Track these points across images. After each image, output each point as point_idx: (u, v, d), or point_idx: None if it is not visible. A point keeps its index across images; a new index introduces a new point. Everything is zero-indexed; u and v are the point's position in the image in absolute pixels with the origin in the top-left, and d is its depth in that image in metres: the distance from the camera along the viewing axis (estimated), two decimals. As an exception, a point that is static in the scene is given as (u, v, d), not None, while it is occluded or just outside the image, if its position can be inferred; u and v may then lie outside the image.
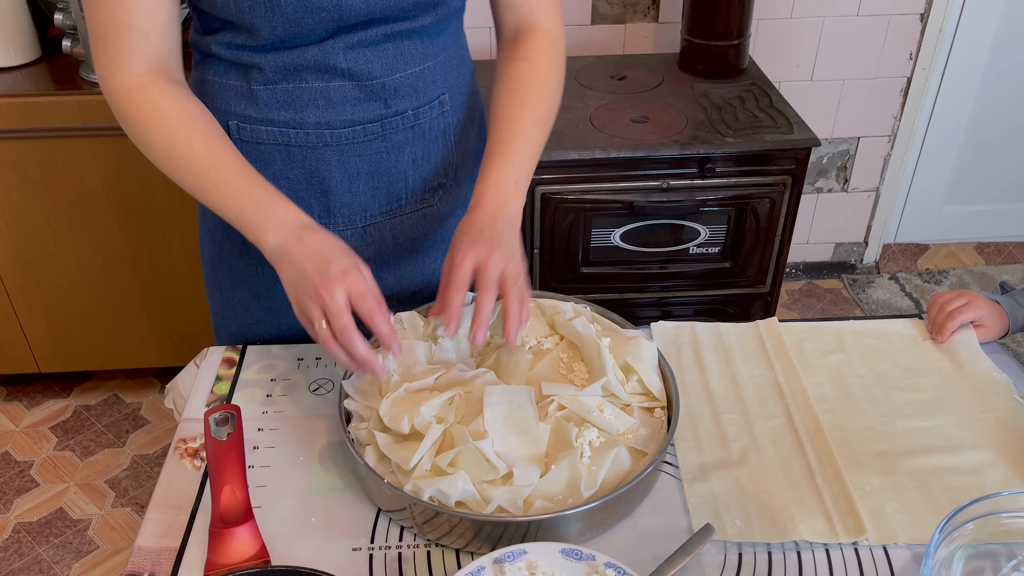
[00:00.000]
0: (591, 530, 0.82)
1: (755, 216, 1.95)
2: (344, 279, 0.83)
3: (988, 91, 2.58)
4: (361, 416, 0.90)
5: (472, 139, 1.12)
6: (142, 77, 0.91)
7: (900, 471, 0.90)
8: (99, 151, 1.90)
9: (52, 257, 2.05)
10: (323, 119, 0.98)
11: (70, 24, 1.88)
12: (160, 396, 2.35)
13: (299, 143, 1.00)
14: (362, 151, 1.02)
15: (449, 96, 1.05)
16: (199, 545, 0.83)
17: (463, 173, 1.12)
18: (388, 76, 0.98)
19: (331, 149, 1.01)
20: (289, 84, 0.96)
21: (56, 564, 1.90)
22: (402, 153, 1.04)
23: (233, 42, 0.95)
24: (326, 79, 0.96)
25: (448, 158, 1.09)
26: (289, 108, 0.98)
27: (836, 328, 1.11)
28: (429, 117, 1.04)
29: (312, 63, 0.95)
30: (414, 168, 1.06)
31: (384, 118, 1.01)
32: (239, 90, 0.98)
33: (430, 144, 1.06)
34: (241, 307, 1.13)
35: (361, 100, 0.98)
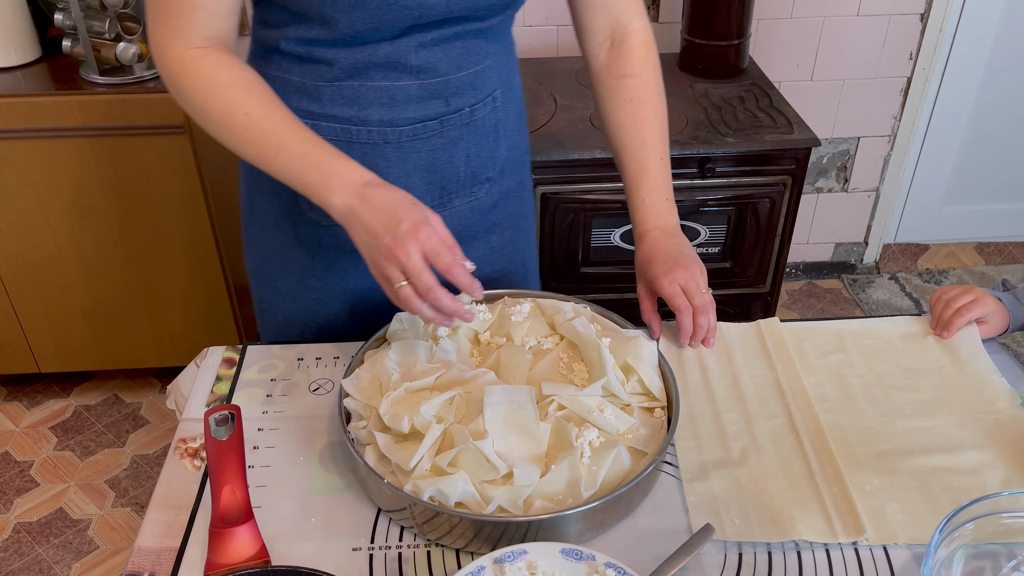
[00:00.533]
0: (591, 530, 0.82)
1: (755, 216, 1.95)
2: (416, 236, 0.84)
3: (988, 91, 2.58)
4: (360, 415, 0.90)
5: (516, 132, 1.14)
6: (197, 51, 0.92)
7: (900, 471, 0.90)
8: (99, 151, 1.90)
9: (52, 257, 2.05)
10: (386, 117, 0.99)
11: (70, 24, 1.88)
12: (160, 396, 2.35)
13: (360, 140, 1.01)
14: (420, 147, 1.03)
15: (500, 92, 1.07)
16: (199, 545, 0.83)
17: (508, 166, 1.14)
18: (452, 74, 0.99)
19: (391, 146, 1.02)
20: (355, 81, 0.97)
21: (56, 564, 1.90)
22: (457, 149, 1.05)
23: (305, 36, 0.94)
24: (393, 77, 0.97)
25: (497, 152, 1.10)
26: (353, 105, 0.98)
27: (836, 328, 1.11)
28: (483, 113, 1.05)
29: (383, 60, 0.95)
30: (466, 163, 1.07)
31: (443, 115, 1.02)
32: (302, 86, 0.98)
33: (482, 139, 1.07)
34: (289, 297, 1.14)
35: (423, 98, 0.99)
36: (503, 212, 1.16)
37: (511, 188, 1.16)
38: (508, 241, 1.19)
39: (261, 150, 0.91)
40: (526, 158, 1.20)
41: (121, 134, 1.88)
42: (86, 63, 1.90)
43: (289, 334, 1.17)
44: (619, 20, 1.08)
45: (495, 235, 1.17)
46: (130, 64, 1.87)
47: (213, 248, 2.07)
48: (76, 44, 1.90)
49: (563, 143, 1.85)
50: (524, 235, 1.23)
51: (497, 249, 1.18)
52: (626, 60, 1.08)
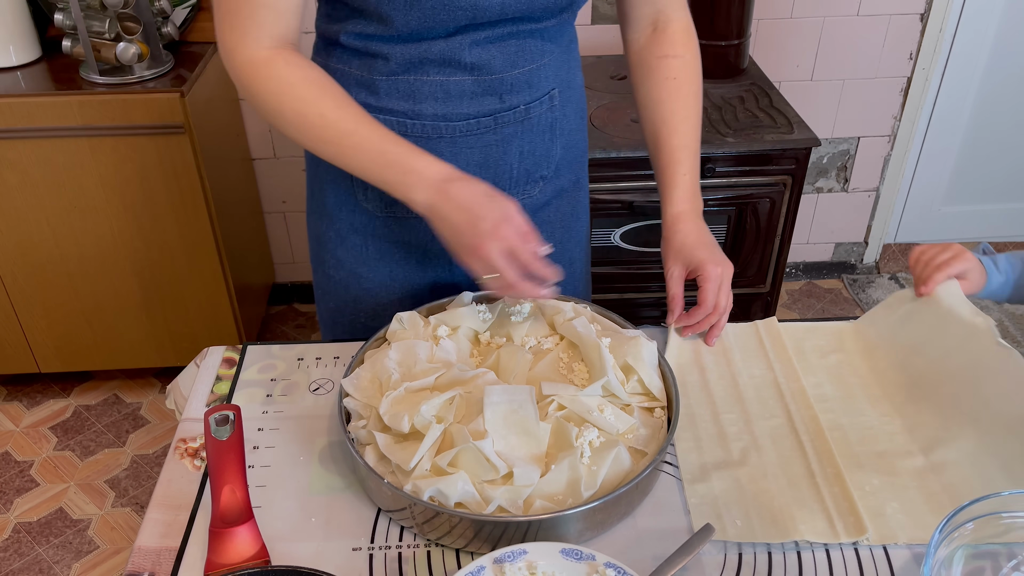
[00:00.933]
0: (591, 530, 0.82)
1: (755, 216, 1.95)
2: (496, 235, 0.88)
3: (988, 91, 2.58)
4: (360, 414, 0.90)
5: (574, 132, 1.14)
6: (268, 51, 0.93)
7: (900, 471, 0.90)
8: (99, 151, 1.90)
9: (52, 257, 2.05)
10: (440, 111, 1.00)
11: (70, 24, 1.88)
12: (160, 396, 2.35)
13: (415, 134, 1.01)
14: (474, 143, 1.04)
15: (559, 91, 1.07)
16: (199, 545, 0.83)
17: (563, 165, 1.14)
18: (507, 72, 1.00)
19: (445, 141, 1.03)
20: (411, 76, 0.98)
21: (56, 564, 1.90)
22: (511, 146, 1.06)
23: (363, 31, 0.96)
24: (447, 73, 0.98)
25: (552, 151, 1.11)
26: (408, 99, 1.00)
27: (836, 328, 1.11)
28: (539, 112, 1.06)
29: (437, 56, 0.97)
30: (520, 161, 1.08)
31: (497, 112, 1.02)
32: (360, 79, 1.00)
33: (537, 138, 1.08)
34: (341, 285, 1.16)
35: (478, 94, 1.00)
36: (555, 211, 1.17)
37: (565, 187, 1.17)
38: (558, 241, 1.19)
39: (339, 149, 0.93)
40: (584, 158, 1.20)
41: (121, 134, 1.88)
42: (86, 63, 1.90)
43: (340, 322, 1.19)
44: (663, 11, 1.10)
45: (546, 234, 1.16)
46: (130, 64, 1.87)
47: (213, 248, 2.07)
48: (76, 44, 1.90)
49: (563, 143, 1.85)
50: (575, 236, 1.23)
51: None
52: (668, 42, 1.09)
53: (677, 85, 1.09)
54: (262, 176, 2.49)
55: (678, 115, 1.09)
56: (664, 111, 1.09)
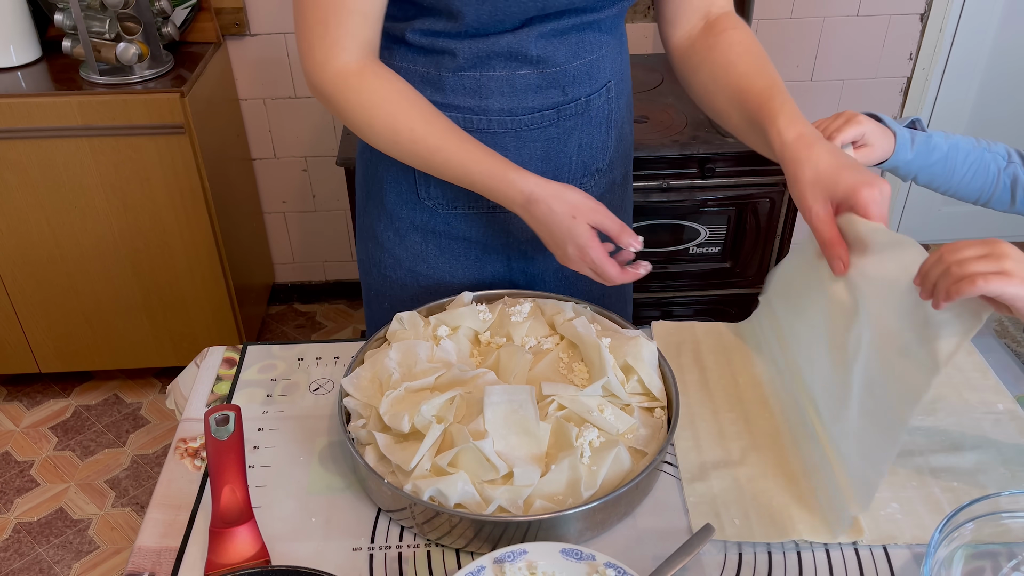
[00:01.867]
0: (591, 530, 0.82)
1: (755, 216, 1.95)
2: (581, 261, 0.94)
3: (988, 91, 2.58)
4: (360, 414, 0.90)
5: (625, 124, 1.15)
6: (358, 62, 0.94)
7: (900, 471, 0.90)
8: (99, 151, 1.90)
9: (52, 257, 2.05)
10: (506, 106, 1.01)
11: (70, 24, 1.88)
12: (160, 396, 2.35)
13: (481, 129, 1.02)
14: (537, 137, 1.04)
15: (614, 83, 1.08)
16: (199, 545, 0.83)
17: (616, 158, 1.14)
18: (569, 63, 1.01)
19: (510, 135, 1.03)
20: (477, 72, 0.99)
21: (56, 564, 1.90)
22: (571, 138, 1.06)
23: (432, 28, 0.96)
24: (513, 67, 0.98)
25: (607, 143, 1.11)
26: (475, 95, 1.00)
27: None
28: (598, 104, 1.06)
29: (504, 50, 0.97)
30: (579, 153, 1.08)
31: (561, 105, 1.03)
32: (426, 76, 1.00)
33: (595, 130, 1.08)
34: (398, 285, 1.16)
35: (542, 87, 1.01)
36: (607, 205, 1.16)
37: (616, 180, 1.17)
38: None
39: (429, 164, 0.96)
40: (631, 151, 1.20)
41: (121, 134, 1.88)
42: (86, 63, 1.90)
43: None
44: (710, 10, 1.05)
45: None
46: (130, 64, 1.87)
47: (213, 248, 2.07)
48: (76, 44, 1.90)
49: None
50: None
51: None
52: (724, 22, 1.03)
53: (745, 47, 0.99)
54: (262, 176, 2.49)
55: (757, 66, 0.97)
56: (741, 67, 0.98)
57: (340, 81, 0.94)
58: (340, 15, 0.91)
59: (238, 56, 2.26)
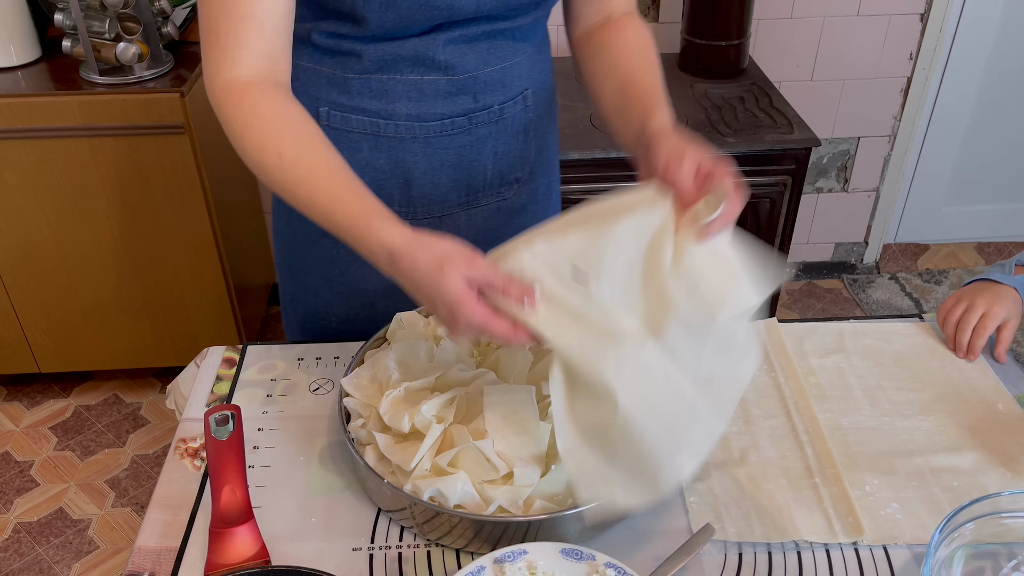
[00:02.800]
0: (591, 530, 0.82)
1: (755, 216, 1.95)
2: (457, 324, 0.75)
3: (988, 91, 2.58)
4: (360, 414, 0.90)
5: (548, 134, 1.14)
6: (247, 77, 0.86)
7: (900, 471, 0.90)
8: (99, 151, 1.90)
9: (52, 257, 2.05)
10: (414, 111, 0.99)
11: (70, 24, 1.88)
12: (160, 396, 2.35)
13: (388, 134, 1.01)
14: (447, 144, 1.03)
15: (532, 92, 1.07)
16: (199, 545, 0.83)
17: (538, 168, 1.14)
18: (480, 70, 0.99)
19: (418, 141, 1.02)
20: (384, 75, 0.97)
21: (56, 564, 1.90)
22: (485, 147, 1.05)
23: (337, 31, 0.95)
24: (421, 72, 0.97)
25: (526, 153, 1.10)
26: (382, 99, 0.99)
27: (836, 328, 1.11)
28: (513, 112, 1.05)
29: (411, 55, 0.96)
30: (494, 162, 1.07)
31: (472, 112, 1.02)
32: (332, 78, 0.99)
33: (511, 139, 1.07)
34: (311, 291, 1.14)
35: (452, 94, 0.99)
36: (531, 216, 1.16)
37: (540, 192, 1.16)
38: None
39: (295, 197, 0.85)
40: (556, 162, 1.19)
41: (121, 134, 1.88)
42: (86, 63, 1.90)
43: (310, 329, 1.17)
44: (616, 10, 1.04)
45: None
46: (130, 64, 1.87)
47: (213, 248, 2.07)
48: (76, 44, 1.90)
49: (563, 143, 1.85)
50: None
51: None
52: (619, 21, 1.02)
53: (638, 43, 0.99)
54: (262, 176, 2.49)
55: (644, 62, 0.97)
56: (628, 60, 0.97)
57: (224, 95, 0.86)
58: (233, 22, 0.84)
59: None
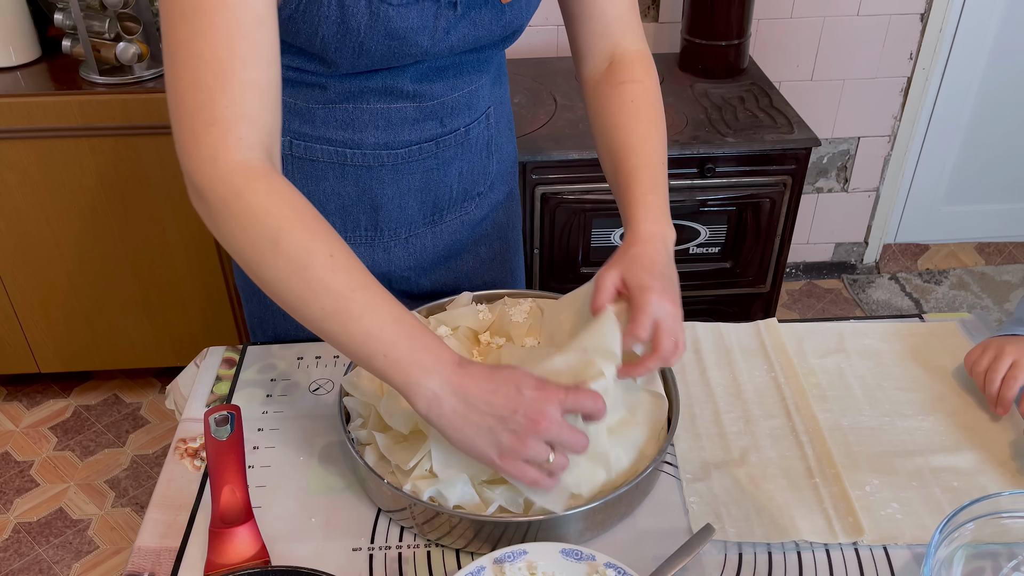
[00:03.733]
0: (591, 530, 0.82)
1: (755, 216, 1.95)
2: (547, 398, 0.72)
3: (988, 91, 2.58)
4: (359, 413, 0.90)
5: (506, 144, 1.14)
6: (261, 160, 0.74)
7: (900, 471, 0.90)
8: (99, 151, 1.90)
9: (52, 257, 2.05)
10: (382, 140, 0.98)
11: (70, 24, 1.88)
12: (160, 396, 2.35)
13: (355, 163, 0.99)
14: (415, 168, 1.02)
15: (494, 108, 1.07)
16: (199, 545, 0.83)
17: (498, 179, 1.14)
18: (447, 96, 0.98)
19: (386, 168, 1.01)
20: (350, 105, 0.95)
21: (56, 564, 1.90)
22: (450, 168, 1.05)
23: (302, 67, 0.90)
24: (388, 100, 0.95)
25: (489, 168, 1.10)
26: (348, 128, 0.96)
27: (836, 328, 1.11)
28: (477, 131, 1.05)
29: (379, 87, 0.94)
30: (459, 181, 1.07)
31: (439, 136, 1.01)
32: (294, 108, 0.96)
33: (475, 157, 1.07)
34: (280, 314, 1.11)
35: (419, 120, 0.98)
36: (492, 224, 1.16)
37: (500, 200, 1.16)
38: (497, 252, 1.19)
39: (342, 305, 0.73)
40: (515, 168, 1.20)
41: (121, 134, 1.88)
42: (86, 63, 1.90)
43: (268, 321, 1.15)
44: (619, 44, 1.02)
45: (484, 247, 1.17)
46: (130, 64, 1.87)
47: (213, 248, 2.07)
48: (76, 44, 1.90)
49: (563, 143, 1.85)
50: (512, 245, 1.22)
51: (486, 260, 1.18)
52: (627, 69, 1.01)
53: (635, 108, 0.97)
54: (262, 176, 2.49)
55: (636, 135, 0.95)
56: (622, 134, 0.96)
57: (238, 179, 0.72)
58: (230, 91, 0.71)
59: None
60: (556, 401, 0.72)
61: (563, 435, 0.72)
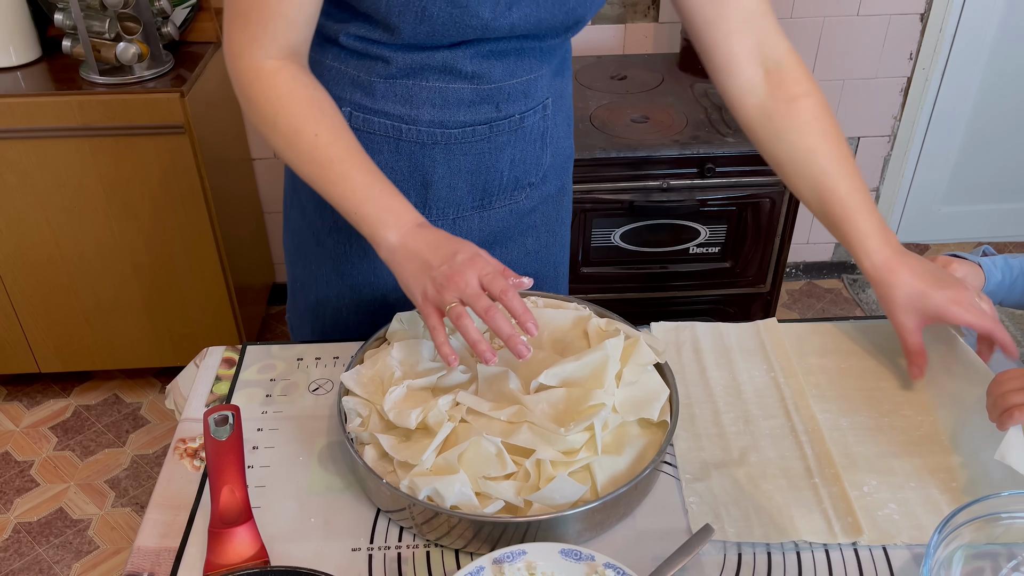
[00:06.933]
0: (591, 530, 0.82)
1: (755, 216, 1.95)
2: (472, 264, 0.84)
3: (988, 91, 2.58)
4: (358, 412, 0.90)
5: (562, 140, 1.14)
6: (275, 61, 0.91)
7: (898, 471, 0.90)
8: (99, 151, 1.90)
9: (52, 257, 2.05)
10: (437, 118, 1.00)
11: (70, 24, 1.88)
12: (160, 396, 2.35)
13: (410, 138, 1.01)
14: (467, 150, 1.03)
15: (552, 101, 1.07)
16: (198, 545, 0.83)
17: (551, 172, 1.14)
18: (505, 81, 1.00)
19: (439, 147, 1.02)
20: (409, 81, 0.98)
21: (56, 564, 1.90)
22: (503, 154, 1.06)
23: (366, 36, 0.95)
24: (447, 80, 0.98)
25: (542, 159, 1.11)
26: (406, 104, 0.99)
27: (836, 328, 1.11)
28: (532, 121, 1.06)
29: (439, 64, 0.96)
30: (511, 168, 1.08)
31: (493, 121, 1.02)
32: (357, 80, 0.99)
33: (528, 146, 1.08)
34: (323, 280, 1.15)
35: (475, 103, 1.00)
36: (541, 216, 1.17)
37: (551, 193, 1.17)
38: (543, 245, 1.20)
39: (324, 173, 0.91)
40: (570, 164, 1.20)
41: (121, 134, 1.88)
42: (86, 63, 1.90)
43: (320, 315, 1.19)
44: (764, 42, 0.98)
45: (531, 238, 1.18)
46: (130, 64, 1.87)
47: (213, 248, 2.07)
48: (76, 44, 1.90)
49: (563, 143, 1.85)
50: (559, 240, 1.23)
51: (532, 252, 1.19)
52: (794, 80, 0.98)
53: (823, 127, 0.98)
54: (262, 176, 2.49)
55: (838, 158, 0.98)
56: (821, 160, 0.98)
57: (252, 75, 0.91)
58: (262, 14, 0.89)
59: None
60: (476, 270, 0.83)
61: (468, 293, 0.82)
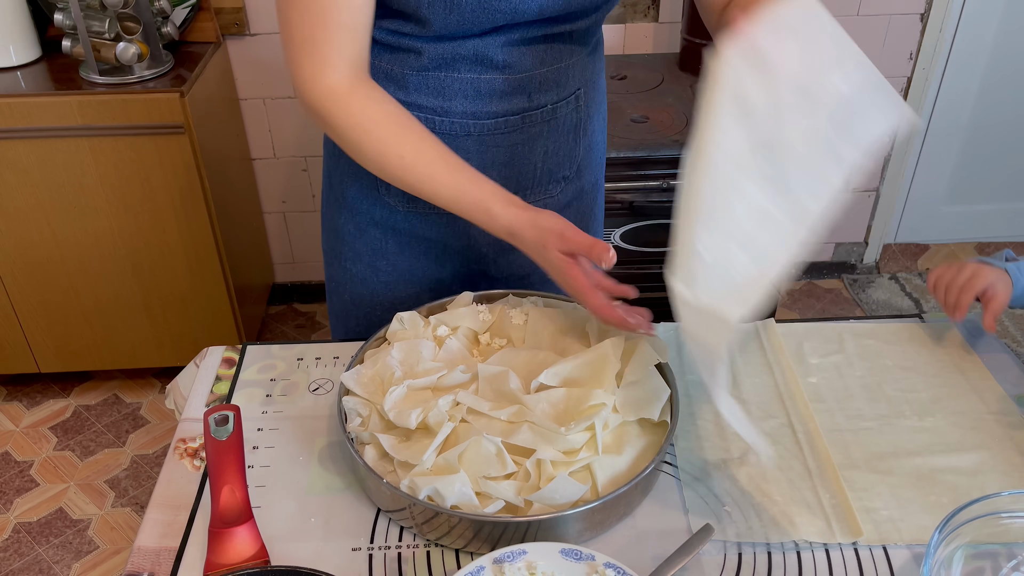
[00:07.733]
0: (591, 530, 0.82)
1: (755, 216, 1.94)
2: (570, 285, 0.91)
3: (988, 91, 2.57)
4: (359, 412, 0.90)
5: (597, 132, 1.14)
6: (348, 80, 0.93)
7: (899, 471, 0.90)
8: (99, 151, 1.90)
9: (52, 257, 2.05)
10: (470, 109, 1.00)
11: (70, 24, 1.88)
12: (160, 396, 2.35)
13: (443, 130, 1.02)
14: (501, 142, 1.04)
15: (584, 91, 1.07)
16: (199, 545, 0.83)
17: (584, 166, 1.14)
18: (536, 70, 1.00)
19: (472, 138, 1.03)
20: (441, 73, 0.98)
21: (56, 564, 1.90)
22: (536, 145, 1.06)
23: (398, 30, 0.96)
24: (478, 70, 0.98)
25: (576, 152, 1.11)
26: (438, 96, 1.00)
27: (836, 328, 1.11)
28: (565, 111, 1.06)
29: (470, 54, 0.96)
30: (544, 160, 1.08)
31: (526, 111, 1.02)
32: (390, 73, 1.00)
33: (561, 138, 1.08)
34: (359, 279, 1.16)
35: (507, 93, 1.00)
36: (575, 212, 1.17)
37: (585, 188, 1.17)
38: None
39: (418, 191, 0.95)
40: (603, 159, 1.20)
41: (121, 134, 1.88)
42: (86, 63, 1.90)
43: (355, 315, 1.19)
44: None
45: None
46: (130, 64, 1.87)
47: (213, 248, 2.07)
48: (76, 44, 1.90)
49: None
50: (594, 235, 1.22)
51: None
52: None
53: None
54: (262, 176, 2.49)
55: None
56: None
57: (330, 100, 0.93)
58: (328, 31, 0.90)
59: (238, 56, 2.26)
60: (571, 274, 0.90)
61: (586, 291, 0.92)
